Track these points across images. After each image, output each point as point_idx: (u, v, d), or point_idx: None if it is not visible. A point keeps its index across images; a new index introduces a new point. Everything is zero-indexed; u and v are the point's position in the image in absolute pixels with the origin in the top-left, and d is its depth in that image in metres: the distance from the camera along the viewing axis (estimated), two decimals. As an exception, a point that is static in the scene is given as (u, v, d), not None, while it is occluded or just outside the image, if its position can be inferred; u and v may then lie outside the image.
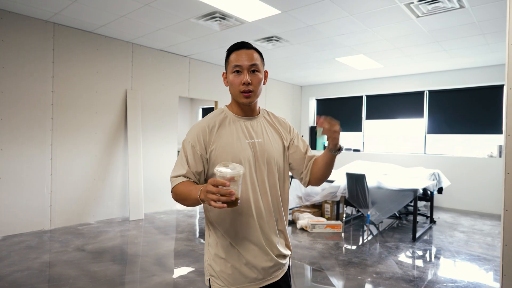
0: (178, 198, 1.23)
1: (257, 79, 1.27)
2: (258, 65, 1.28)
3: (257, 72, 1.28)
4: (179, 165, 1.27)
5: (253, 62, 1.26)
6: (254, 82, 1.27)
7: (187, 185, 1.20)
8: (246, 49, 1.27)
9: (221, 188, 0.99)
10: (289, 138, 1.41)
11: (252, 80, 1.26)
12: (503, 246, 1.94)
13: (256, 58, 1.28)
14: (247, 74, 1.25)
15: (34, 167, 4.37)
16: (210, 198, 1.00)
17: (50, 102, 4.51)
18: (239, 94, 1.27)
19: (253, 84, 1.26)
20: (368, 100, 8.16)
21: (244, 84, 1.25)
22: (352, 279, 3.15)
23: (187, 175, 1.24)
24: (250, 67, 1.26)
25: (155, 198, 5.72)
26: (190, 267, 3.34)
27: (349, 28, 4.48)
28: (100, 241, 4.05)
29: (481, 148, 6.65)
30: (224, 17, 4.22)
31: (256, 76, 1.27)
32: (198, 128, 1.28)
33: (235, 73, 1.27)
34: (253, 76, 1.27)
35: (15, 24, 4.18)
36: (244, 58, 1.25)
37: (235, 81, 1.26)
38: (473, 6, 3.69)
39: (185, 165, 1.25)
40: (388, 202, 4.44)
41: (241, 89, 1.26)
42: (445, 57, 5.80)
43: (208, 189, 1.01)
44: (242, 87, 1.26)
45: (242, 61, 1.25)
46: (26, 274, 3.04)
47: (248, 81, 1.25)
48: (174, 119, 6.09)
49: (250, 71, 1.26)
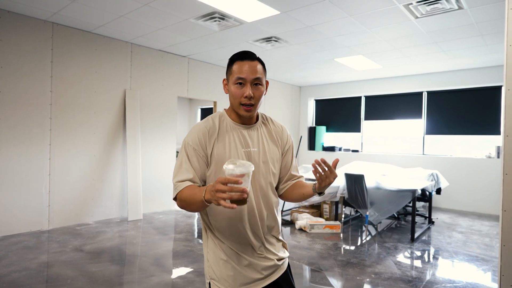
0: (183, 204, 1.18)
1: (259, 92, 1.27)
2: (261, 79, 1.27)
3: (260, 85, 1.27)
4: (183, 169, 1.22)
5: (256, 75, 1.25)
6: (256, 95, 1.26)
7: (191, 188, 1.17)
8: (250, 60, 1.26)
9: (233, 186, 0.93)
10: (285, 149, 1.42)
11: (254, 94, 1.25)
12: (501, 246, 1.95)
13: (259, 71, 1.26)
14: (250, 88, 1.24)
15: (32, 167, 4.36)
16: (220, 197, 0.94)
17: (49, 102, 4.50)
18: (239, 106, 1.27)
19: (255, 98, 1.26)
20: (367, 100, 8.17)
21: (246, 97, 1.24)
22: (350, 279, 3.15)
23: (194, 179, 1.21)
24: (254, 81, 1.25)
25: (153, 198, 5.71)
26: (189, 268, 3.33)
27: (348, 29, 4.49)
28: (98, 242, 4.04)
29: (480, 149, 6.67)
30: (223, 18, 4.22)
31: (259, 90, 1.27)
32: (199, 130, 1.27)
33: (237, 85, 1.25)
34: (255, 90, 1.26)
35: (14, 24, 4.17)
36: (248, 71, 1.24)
37: (237, 93, 1.25)
38: (471, 7, 3.70)
39: (190, 169, 1.22)
40: (386, 203, 4.45)
41: (242, 102, 1.25)
42: (443, 58, 5.82)
43: (217, 188, 0.95)
44: (243, 100, 1.25)
45: (246, 73, 1.24)
46: (24, 275, 3.03)
47: (251, 95, 1.24)
48: (173, 119, 6.08)
49: (253, 84, 1.25)
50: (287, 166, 1.42)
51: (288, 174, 1.42)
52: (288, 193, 1.42)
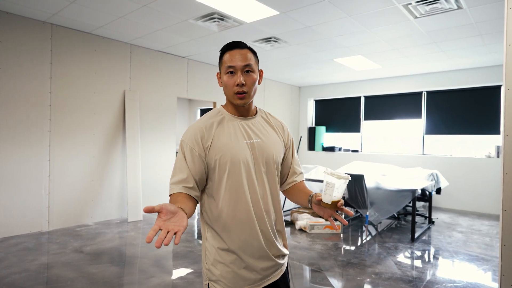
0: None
1: (251, 79, 1.25)
2: (252, 65, 1.25)
3: (251, 72, 1.26)
4: (178, 170, 1.23)
5: (246, 62, 1.24)
6: (248, 82, 1.25)
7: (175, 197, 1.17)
8: (240, 48, 1.25)
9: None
10: (288, 143, 1.43)
11: (246, 81, 1.24)
12: (501, 246, 1.95)
13: (250, 58, 1.25)
14: (241, 75, 1.23)
15: (31, 168, 4.35)
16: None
17: (48, 103, 4.50)
18: (233, 95, 1.26)
19: (247, 85, 1.25)
20: (366, 100, 8.17)
21: (238, 85, 1.23)
22: (351, 279, 3.15)
23: (187, 179, 1.21)
24: (244, 68, 1.24)
25: (153, 199, 5.70)
26: (189, 269, 3.33)
27: (347, 29, 4.49)
28: (98, 243, 4.04)
29: (479, 148, 6.67)
30: (223, 18, 4.22)
31: (250, 77, 1.25)
32: (195, 129, 1.26)
33: (228, 74, 1.25)
34: (247, 77, 1.25)
35: (13, 25, 4.16)
36: (238, 59, 1.23)
37: (229, 82, 1.25)
38: (470, 7, 3.70)
39: (184, 168, 1.22)
40: (386, 203, 4.45)
41: (235, 90, 1.24)
42: (443, 58, 5.82)
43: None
44: (236, 88, 1.24)
45: (236, 61, 1.23)
46: (23, 276, 3.03)
47: (242, 82, 1.23)
48: (173, 120, 6.08)
49: (244, 71, 1.24)
50: (289, 161, 1.43)
51: (292, 168, 1.43)
52: (289, 193, 1.45)
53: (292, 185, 1.43)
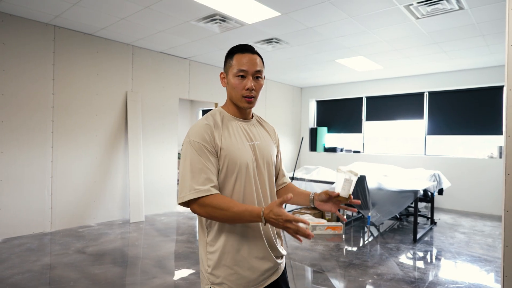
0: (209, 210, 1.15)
1: (259, 85, 1.30)
2: (262, 72, 1.30)
3: (260, 78, 1.30)
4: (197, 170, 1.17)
5: (258, 68, 1.28)
6: (257, 88, 1.29)
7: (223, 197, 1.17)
8: (251, 53, 1.28)
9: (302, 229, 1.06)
10: (278, 147, 1.50)
11: (256, 86, 1.28)
12: (504, 247, 1.94)
13: (260, 64, 1.30)
14: (251, 80, 1.27)
15: (34, 170, 4.37)
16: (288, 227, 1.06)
17: (51, 104, 4.52)
18: (241, 98, 1.28)
19: (256, 90, 1.29)
20: (368, 101, 8.17)
21: (248, 89, 1.26)
22: (353, 280, 3.14)
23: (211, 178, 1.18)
24: (255, 73, 1.28)
25: (155, 200, 5.72)
26: (191, 269, 3.34)
27: (348, 30, 4.49)
28: (100, 244, 4.05)
29: (481, 149, 6.65)
30: (224, 19, 4.23)
31: (259, 83, 1.30)
32: (201, 127, 1.23)
33: (239, 77, 1.26)
34: (256, 82, 1.28)
35: (16, 27, 4.19)
36: (250, 63, 1.26)
37: (239, 86, 1.27)
38: (472, 7, 3.70)
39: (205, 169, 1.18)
40: (388, 204, 4.44)
41: (244, 94, 1.27)
42: (444, 59, 5.81)
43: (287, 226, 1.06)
44: (245, 92, 1.26)
45: (248, 66, 1.26)
46: (26, 277, 3.04)
47: (253, 87, 1.27)
48: (174, 121, 6.09)
49: (254, 77, 1.28)
50: (278, 164, 1.51)
51: (281, 171, 1.51)
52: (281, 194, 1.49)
53: (284, 187, 1.50)
